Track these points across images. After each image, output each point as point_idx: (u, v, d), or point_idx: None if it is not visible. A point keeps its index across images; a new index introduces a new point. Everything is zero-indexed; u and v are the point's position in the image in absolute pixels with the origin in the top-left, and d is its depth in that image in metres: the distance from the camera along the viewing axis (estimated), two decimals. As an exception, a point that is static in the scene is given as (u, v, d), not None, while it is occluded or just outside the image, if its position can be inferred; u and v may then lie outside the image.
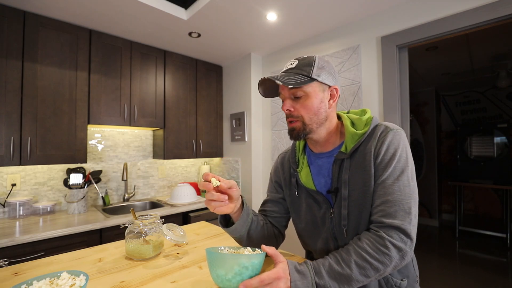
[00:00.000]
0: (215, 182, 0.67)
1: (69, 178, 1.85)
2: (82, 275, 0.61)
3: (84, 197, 1.86)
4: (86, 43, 1.88)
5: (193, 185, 2.56)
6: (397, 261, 0.61)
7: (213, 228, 1.23)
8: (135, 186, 2.38)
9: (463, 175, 3.89)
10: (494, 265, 2.73)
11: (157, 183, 2.54)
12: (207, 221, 2.09)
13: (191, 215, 2.10)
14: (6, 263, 1.30)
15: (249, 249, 0.66)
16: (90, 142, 2.14)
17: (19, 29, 1.62)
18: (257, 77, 2.53)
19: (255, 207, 2.39)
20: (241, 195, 0.76)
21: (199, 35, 2.07)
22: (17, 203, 1.71)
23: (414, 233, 0.62)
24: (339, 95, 0.76)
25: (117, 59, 2.03)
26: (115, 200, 2.26)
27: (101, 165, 2.18)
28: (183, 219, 2.08)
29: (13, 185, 1.78)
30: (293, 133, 0.75)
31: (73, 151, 1.80)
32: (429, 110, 4.23)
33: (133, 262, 0.83)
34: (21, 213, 1.72)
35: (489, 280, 2.42)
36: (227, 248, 0.68)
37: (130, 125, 2.08)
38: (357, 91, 1.82)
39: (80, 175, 1.87)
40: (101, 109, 1.93)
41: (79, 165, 2.01)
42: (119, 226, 1.69)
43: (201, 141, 2.56)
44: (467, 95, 4.20)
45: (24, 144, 1.61)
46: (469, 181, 3.69)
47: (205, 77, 2.64)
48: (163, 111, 2.29)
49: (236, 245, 0.93)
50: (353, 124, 0.76)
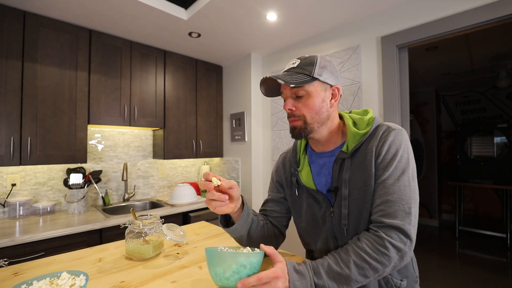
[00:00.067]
0: (216, 181, 0.67)
1: (69, 178, 1.86)
2: (82, 275, 0.61)
3: (84, 197, 1.87)
4: (86, 43, 1.88)
5: (193, 185, 2.56)
6: (396, 262, 0.60)
7: (213, 228, 1.23)
8: (135, 186, 2.38)
9: (463, 175, 3.88)
10: (494, 265, 2.73)
11: (157, 183, 2.54)
12: (207, 221, 2.09)
13: (191, 215, 2.10)
14: (6, 263, 1.30)
15: (248, 249, 0.66)
16: (90, 142, 2.14)
17: (19, 29, 1.62)
18: (257, 77, 2.53)
19: (255, 207, 2.39)
20: (241, 195, 0.76)
21: (199, 35, 2.08)
22: (17, 203, 1.71)
23: (413, 234, 0.62)
24: (340, 95, 0.76)
25: (117, 59, 2.03)
26: (115, 200, 2.26)
27: (101, 165, 2.18)
28: (183, 219, 2.08)
29: (13, 185, 1.78)
30: (295, 132, 0.75)
31: (73, 151, 1.81)
32: (429, 110, 4.23)
33: (133, 262, 0.83)
34: (21, 213, 1.72)
35: (489, 280, 2.42)
36: (226, 248, 0.68)
37: (130, 125, 2.08)
38: (357, 91, 1.82)
39: (80, 175, 1.87)
40: (101, 109, 1.93)
41: (79, 165, 2.01)
42: (119, 226, 1.69)
43: (201, 141, 2.57)
44: (467, 95, 4.20)
45: (24, 144, 1.61)
46: (469, 181, 3.69)
47: (205, 77, 2.64)
48: (163, 111, 2.30)
49: (236, 245, 0.93)
50: (355, 124, 0.76)
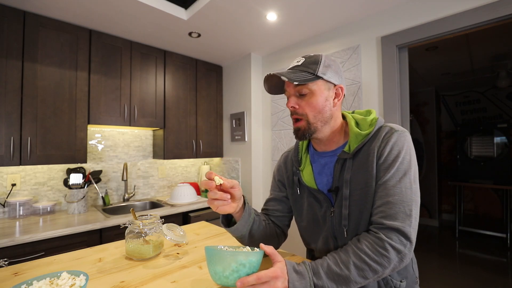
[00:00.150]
0: (218, 180, 0.67)
1: (69, 178, 1.86)
2: (82, 275, 0.61)
3: (84, 197, 1.87)
4: (86, 43, 1.88)
5: (193, 185, 2.57)
6: (395, 263, 0.60)
7: (213, 228, 1.23)
8: (135, 186, 2.38)
9: (463, 175, 3.89)
10: (494, 265, 2.73)
11: (157, 183, 2.54)
12: (207, 221, 2.09)
13: (191, 215, 2.10)
14: (6, 263, 1.30)
15: (248, 248, 0.66)
16: (90, 142, 2.14)
17: (19, 29, 1.62)
18: (257, 77, 2.53)
19: (255, 207, 2.39)
20: (243, 195, 0.76)
21: (199, 35, 2.07)
22: (17, 203, 1.71)
23: (414, 236, 0.62)
24: (344, 95, 0.76)
25: (117, 59, 2.03)
26: (115, 200, 2.26)
27: (101, 165, 2.18)
28: (183, 219, 2.08)
29: (13, 185, 1.78)
30: (299, 133, 0.75)
31: (73, 151, 1.81)
32: (429, 110, 4.23)
33: (133, 262, 0.83)
34: (21, 213, 1.72)
35: (489, 280, 2.42)
36: (226, 247, 0.68)
37: (130, 125, 2.08)
38: (357, 91, 1.82)
39: (80, 175, 1.87)
40: (101, 109, 1.93)
41: (79, 165, 2.01)
42: (119, 226, 1.69)
43: (201, 141, 2.57)
44: (467, 95, 4.20)
45: (24, 144, 1.61)
46: (469, 181, 3.69)
47: (205, 77, 2.64)
48: (163, 111, 2.29)
49: (237, 245, 0.93)
50: (358, 124, 0.75)
